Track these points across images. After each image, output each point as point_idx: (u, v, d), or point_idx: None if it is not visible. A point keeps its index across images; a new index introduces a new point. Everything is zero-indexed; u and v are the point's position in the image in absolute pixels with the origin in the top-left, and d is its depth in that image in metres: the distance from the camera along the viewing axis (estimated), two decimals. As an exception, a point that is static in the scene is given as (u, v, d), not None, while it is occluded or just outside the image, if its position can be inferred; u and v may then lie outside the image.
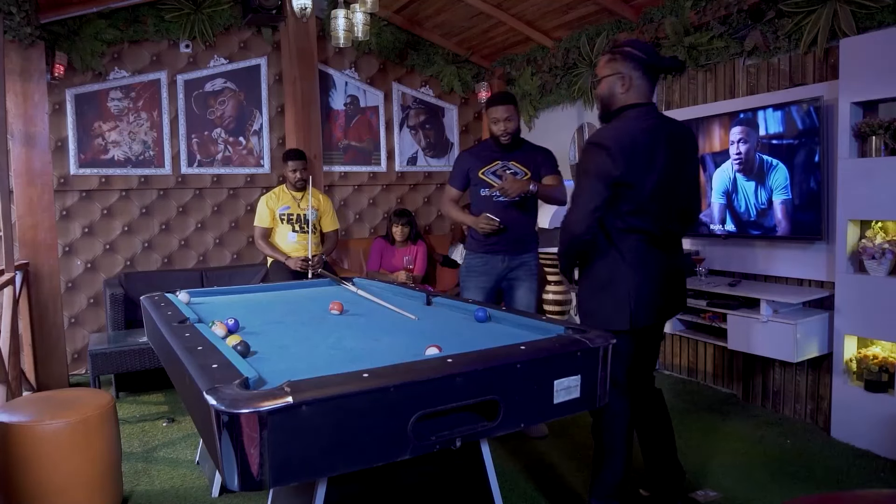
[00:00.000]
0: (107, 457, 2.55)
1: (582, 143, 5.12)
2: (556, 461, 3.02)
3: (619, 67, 2.16)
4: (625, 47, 2.20)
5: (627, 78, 2.15)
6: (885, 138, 2.97)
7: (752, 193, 3.61)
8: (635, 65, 2.15)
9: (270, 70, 5.17)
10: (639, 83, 2.16)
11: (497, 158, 3.31)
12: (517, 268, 3.32)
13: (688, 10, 3.86)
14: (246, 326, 2.31)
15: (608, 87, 2.19)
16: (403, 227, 4.87)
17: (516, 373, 1.70)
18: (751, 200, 3.62)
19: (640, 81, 2.16)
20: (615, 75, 2.17)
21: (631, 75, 2.15)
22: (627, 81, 2.16)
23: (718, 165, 3.78)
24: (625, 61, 2.15)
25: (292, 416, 1.38)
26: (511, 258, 3.30)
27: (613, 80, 2.18)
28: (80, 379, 4.54)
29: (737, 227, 3.71)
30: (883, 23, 3.03)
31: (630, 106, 2.18)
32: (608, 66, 2.20)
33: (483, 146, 3.46)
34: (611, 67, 2.18)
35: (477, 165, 3.34)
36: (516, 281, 3.33)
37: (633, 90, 2.17)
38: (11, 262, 3.54)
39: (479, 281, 3.34)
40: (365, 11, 3.73)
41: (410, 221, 4.96)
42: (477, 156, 3.39)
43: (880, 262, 3.00)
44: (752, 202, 3.62)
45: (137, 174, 4.81)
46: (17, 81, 4.01)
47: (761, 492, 2.69)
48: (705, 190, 3.86)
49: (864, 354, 3.14)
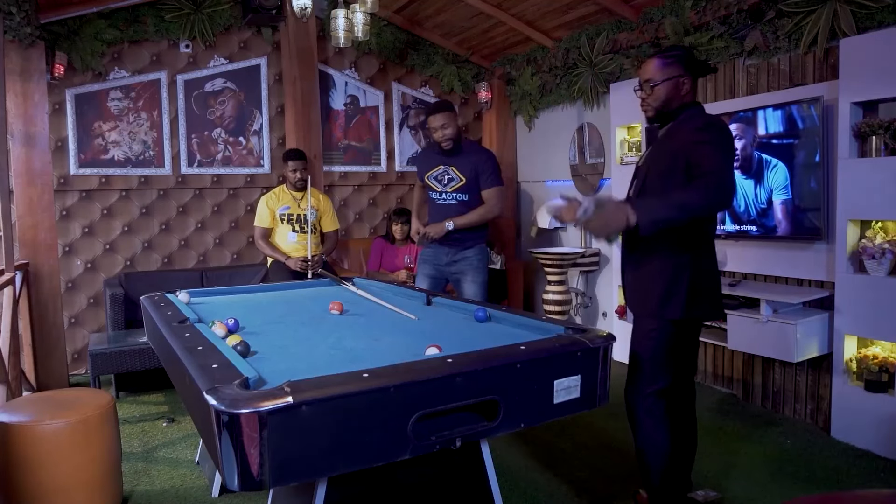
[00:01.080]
0: (107, 457, 2.55)
1: (582, 143, 5.12)
2: (557, 461, 3.02)
3: (674, 71, 2.26)
4: (675, 51, 2.30)
5: (685, 80, 2.26)
6: (885, 138, 2.97)
7: (751, 193, 3.61)
8: (688, 69, 2.27)
9: (270, 70, 5.17)
10: (690, 86, 2.29)
11: (440, 163, 3.60)
12: (460, 261, 3.61)
13: (688, 10, 3.86)
14: (246, 326, 2.31)
15: (668, 89, 2.27)
16: (403, 226, 4.92)
17: (516, 373, 1.71)
18: (750, 200, 3.62)
19: (690, 85, 2.29)
20: (674, 79, 2.26)
21: (686, 78, 2.27)
22: (686, 83, 2.27)
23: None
24: (679, 65, 2.26)
25: (292, 416, 1.38)
26: (455, 252, 3.60)
27: (671, 84, 2.27)
28: (80, 379, 4.54)
29: (737, 227, 3.71)
30: (883, 23, 3.02)
31: (688, 105, 2.29)
32: (665, 70, 2.27)
33: (431, 148, 3.74)
34: (668, 71, 2.27)
35: (424, 168, 3.68)
36: (461, 274, 3.63)
37: (690, 93, 2.29)
38: (11, 262, 3.54)
39: (427, 269, 3.68)
40: (365, 11, 3.73)
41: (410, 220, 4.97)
42: (425, 158, 3.72)
43: (880, 262, 3.00)
44: (751, 202, 3.62)
45: (137, 174, 4.81)
46: (17, 81, 4.01)
47: (761, 492, 2.69)
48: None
49: (864, 354, 3.14)
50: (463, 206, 3.56)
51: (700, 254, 2.26)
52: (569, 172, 5.30)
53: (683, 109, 2.28)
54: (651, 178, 2.29)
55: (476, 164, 3.55)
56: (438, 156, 3.61)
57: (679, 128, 2.25)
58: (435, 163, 3.62)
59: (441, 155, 3.59)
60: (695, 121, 2.22)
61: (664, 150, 2.27)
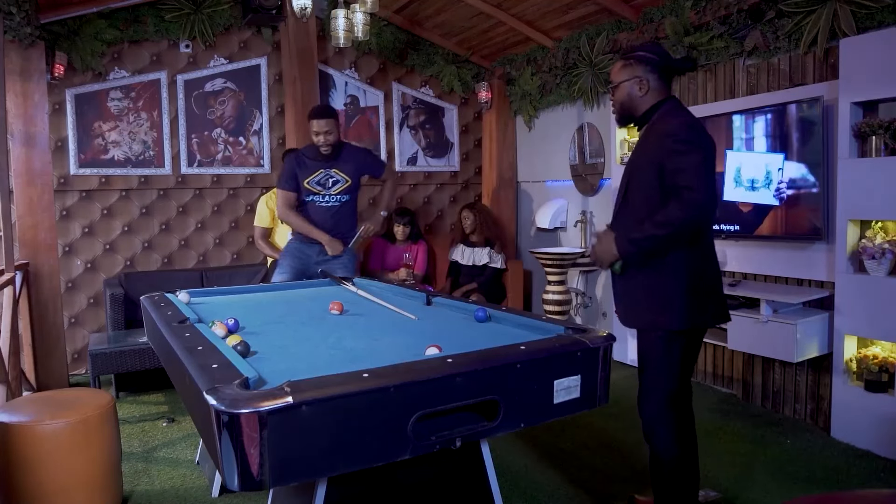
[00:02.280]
0: (107, 457, 2.55)
1: (582, 143, 5.12)
2: (557, 461, 3.02)
3: (635, 72, 2.20)
4: (638, 51, 2.23)
5: (644, 81, 2.19)
6: (885, 138, 2.97)
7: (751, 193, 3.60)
8: (651, 67, 2.19)
9: (270, 70, 5.17)
10: (655, 85, 2.20)
11: (320, 168, 3.58)
12: (332, 261, 3.63)
13: (688, 10, 3.86)
14: (246, 326, 2.31)
15: (626, 91, 2.23)
16: (405, 227, 4.99)
17: (516, 373, 1.70)
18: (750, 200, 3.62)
19: (656, 84, 2.20)
20: (632, 80, 2.21)
21: (647, 78, 2.19)
22: (645, 84, 2.20)
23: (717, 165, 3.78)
24: (640, 65, 2.20)
25: (292, 416, 1.38)
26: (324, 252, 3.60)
27: (630, 84, 2.21)
28: (80, 379, 4.54)
29: (736, 227, 3.71)
30: (883, 23, 3.02)
31: (661, 102, 2.21)
32: (624, 72, 2.23)
33: (307, 151, 3.64)
34: (626, 72, 2.22)
35: (303, 174, 3.59)
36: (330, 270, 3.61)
37: (651, 92, 2.20)
38: (11, 262, 3.54)
39: (292, 262, 3.65)
40: (365, 11, 3.73)
41: (412, 221, 5.09)
42: (302, 162, 3.61)
43: (880, 262, 3.00)
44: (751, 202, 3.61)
45: (137, 174, 4.81)
46: (17, 81, 4.01)
47: (761, 492, 2.69)
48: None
49: (864, 354, 3.14)
50: (344, 206, 3.66)
51: (696, 258, 2.15)
52: (569, 172, 5.30)
53: (656, 108, 2.21)
54: (632, 190, 2.23)
55: (357, 164, 3.65)
56: (315, 161, 3.58)
57: (653, 128, 2.20)
58: (314, 167, 3.59)
59: (318, 160, 3.57)
60: (667, 122, 2.14)
61: (643, 153, 2.22)
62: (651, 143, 2.16)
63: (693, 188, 1.98)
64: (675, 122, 2.12)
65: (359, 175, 3.70)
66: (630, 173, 2.25)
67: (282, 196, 3.63)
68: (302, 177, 3.60)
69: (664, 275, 2.14)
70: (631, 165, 2.26)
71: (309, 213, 3.63)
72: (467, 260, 5.14)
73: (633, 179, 2.23)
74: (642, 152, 2.21)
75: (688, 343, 2.20)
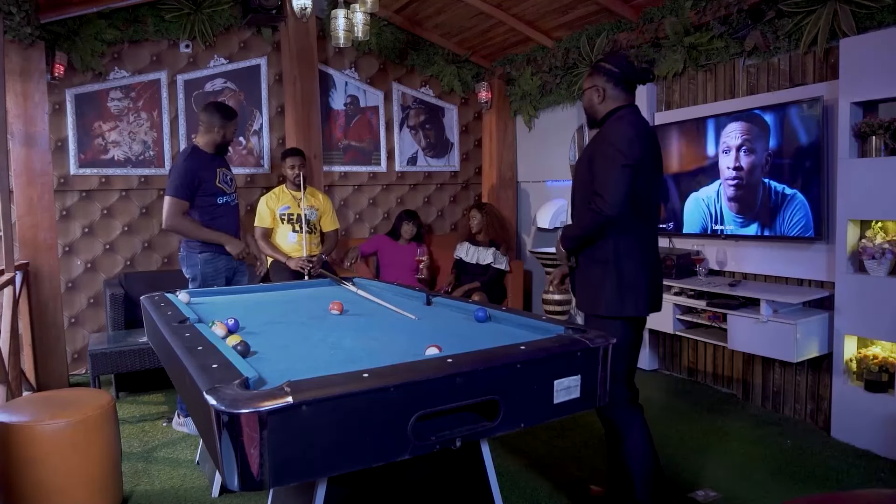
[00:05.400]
0: (107, 457, 2.55)
1: (582, 142, 5.12)
2: (557, 461, 3.02)
3: (594, 81, 2.40)
4: (600, 62, 2.42)
5: (601, 90, 2.38)
6: (885, 138, 2.97)
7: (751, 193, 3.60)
8: (608, 77, 2.37)
9: (270, 70, 5.17)
10: (613, 93, 2.37)
11: (219, 165, 3.52)
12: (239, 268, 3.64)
13: (688, 10, 3.86)
14: (246, 326, 2.31)
15: (588, 97, 2.44)
16: (412, 227, 5.15)
17: (516, 373, 1.70)
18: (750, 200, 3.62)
19: (613, 92, 2.37)
20: (592, 88, 2.41)
21: (604, 87, 2.37)
22: (602, 93, 2.38)
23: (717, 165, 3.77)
24: (599, 75, 2.39)
25: (292, 416, 1.38)
26: (236, 261, 3.58)
27: (591, 92, 2.42)
28: (80, 379, 4.54)
29: (736, 227, 3.71)
30: (883, 23, 3.03)
31: (617, 109, 2.37)
32: (587, 80, 2.44)
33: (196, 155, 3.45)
34: (589, 81, 2.43)
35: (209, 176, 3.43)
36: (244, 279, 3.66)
37: (608, 100, 2.38)
38: (11, 262, 3.54)
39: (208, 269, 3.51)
40: (365, 11, 3.73)
41: (419, 223, 5.25)
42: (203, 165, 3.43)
43: (880, 262, 3.00)
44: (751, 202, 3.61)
45: (137, 174, 4.81)
46: (17, 81, 4.01)
47: (761, 492, 2.69)
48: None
49: (864, 354, 3.15)
50: (237, 207, 3.65)
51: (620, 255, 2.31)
52: (569, 172, 5.30)
53: (616, 112, 2.36)
54: (576, 188, 2.44)
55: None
56: (211, 157, 3.48)
57: (600, 132, 2.39)
58: (214, 165, 3.48)
59: (211, 157, 3.48)
60: (612, 128, 2.32)
61: (586, 154, 2.40)
62: (593, 145, 2.36)
63: (602, 196, 2.21)
64: (618, 129, 2.29)
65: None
66: (576, 171, 2.46)
67: (176, 205, 3.33)
68: (210, 178, 3.44)
69: (594, 269, 2.36)
70: (578, 164, 2.45)
71: (221, 215, 3.48)
72: (471, 258, 5.15)
73: (577, 177, 2.44)
74: (586, 153, 2.40)
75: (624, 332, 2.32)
